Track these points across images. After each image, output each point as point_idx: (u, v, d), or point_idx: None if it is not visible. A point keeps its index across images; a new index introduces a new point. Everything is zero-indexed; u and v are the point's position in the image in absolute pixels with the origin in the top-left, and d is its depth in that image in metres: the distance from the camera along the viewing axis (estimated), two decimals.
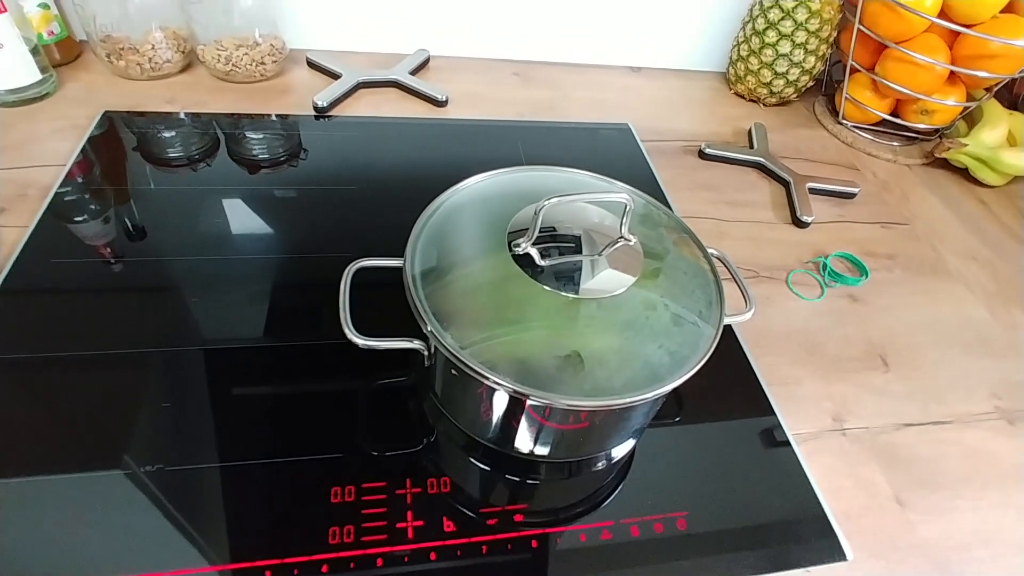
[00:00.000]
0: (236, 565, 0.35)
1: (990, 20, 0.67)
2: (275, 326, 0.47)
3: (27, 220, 0.52)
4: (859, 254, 0.62)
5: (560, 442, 0.40)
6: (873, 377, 0.51)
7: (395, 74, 0.75)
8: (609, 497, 0.41)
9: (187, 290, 0.48)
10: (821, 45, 0.77)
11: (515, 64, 0.84)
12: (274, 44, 0.71)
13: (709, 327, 0.37)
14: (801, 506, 0.42)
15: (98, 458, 0.38)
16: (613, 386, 0.34)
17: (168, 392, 0.42)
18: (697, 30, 0.85)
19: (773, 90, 0.81)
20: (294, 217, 0.56)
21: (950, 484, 0.44)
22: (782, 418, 0.46)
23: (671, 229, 0.44)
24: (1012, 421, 0.49)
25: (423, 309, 0.35)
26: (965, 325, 0.57)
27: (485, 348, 0.34)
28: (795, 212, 0.65)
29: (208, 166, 0.60)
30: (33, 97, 0.64)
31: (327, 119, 0.69)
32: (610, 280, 0.37)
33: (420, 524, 0.37)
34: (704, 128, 0.78)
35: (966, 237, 0.68)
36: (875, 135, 0.80)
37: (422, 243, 0.39)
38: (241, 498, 0.37)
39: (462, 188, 0.43)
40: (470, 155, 0.68)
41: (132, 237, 0.52)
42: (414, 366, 0.45)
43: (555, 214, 0.40)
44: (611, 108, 0.79)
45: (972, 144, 0.72)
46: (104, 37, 0.66)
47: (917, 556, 0.40)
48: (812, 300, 0.57)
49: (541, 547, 0.38)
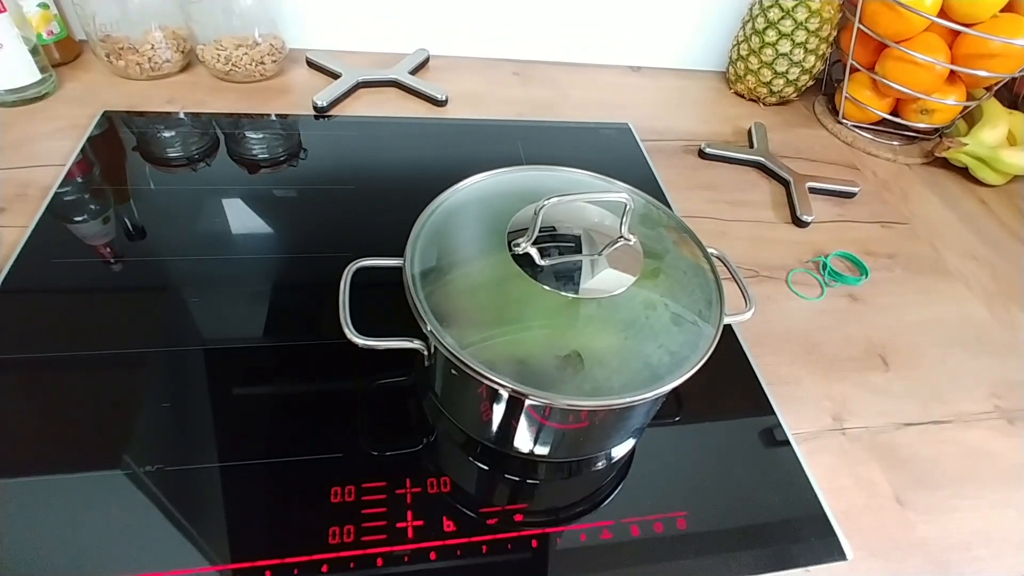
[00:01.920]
0: (236, 565, 0.35)
1: (990, 19, 0.67)
2: (275, 326, 0.47)
3: (27, 220, 0.52)
4: (859, 253, 0.62)
5: (560, 442, 0.40)
6: (873, 376, 0.51)
7: (395, 74, 0.75)
8: (609, 497, 0.41)
9: (187, 290, 0.48)
10: (821, 44, 0.77)
11: (515, 63, 0.84)
12: (274, 44, 0.71)
13: (709, 327, 0.37)
14: (801, 506, 0.42)
15: (98, 458, 0.38)
16: (613, 386, 0.34)
17: (168, 392, 0.42)
18: (697, 29, 0.85)
19: (773, 89, 0.81)
20: (294, 217, 0.56)
21: (950, 483, 0.45)
22: (782, 418, 0.46)
23: (671, 229, 0.44)
24: (1012, 420, 0.49)
25: (423, 309, 0.35)
26: (965, 324, 0.57)
27: (485, 348, 0.34)
28: (795, 212, 0.65)
29: (208, 166, 0.60)
30: (33, 97, 0.64)
31: (327, 119, 0.69)
32: (610, 280, 0.37)
33: (420, 524, 0.37)
34: (704, 128, 0.78)
35: (966, 236, 0.68)
36: (875, 134, 0.80)
37: (422, 243, 0.39)
38: (241, 498, 0.37)
39: (462, 188, 0.43)
40: (470, 155, 0.68)
41: (132, 237, 0.52)
42: (414, 366, 0.45)
43: (555, 214, 0.40)
44: (611, 107, 0.78)
45: (972, 143, 0.72)
46: (104, 37, 0.66)
47: (917, 555, 0.40)
48: (812, 300, 0.57)
49: (541, 547, 0.38)
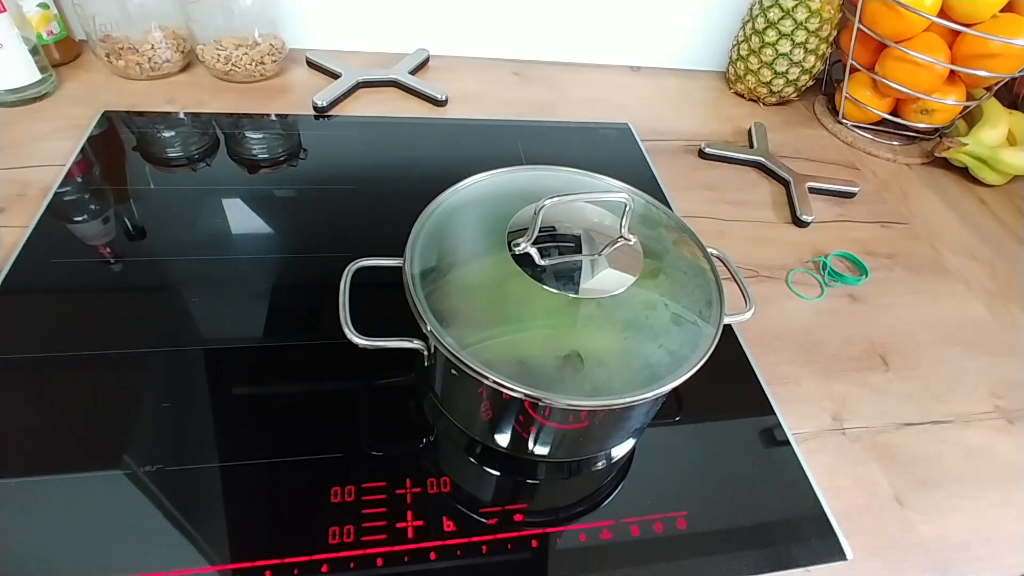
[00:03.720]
0: (236, 565, 0.35)
1: (990, 19, 0.67)
2: (275, 326, 0.47)
3: (27, 220, 0.52)
4: (859, 253, 0.62)
5: (560, 442, 0.40)
6: (873, 376, 0.51)
7: (395, 73, 0.75)
8: (609, 497, 0.41)
9: (187, 290, 0.48)
10: (821, 44, 0.77)
11: (515, 63, 0.84)
12: (273, 44, 0.71)
13: (709, 327, 0.37)
14: (801, 505, 0.42)
15: (98, 458, 0.38)
16: (613, 386, 0.34)
17: (168, 392, 0.42)
18: (697, 29, 0.85)
19: (773, 89, 0.81)
20: (294, 217, 0.56)
21: (950, 483, 0.45)
22: (782, 417, 0.46)
23: (671, 229, 0.44)
24: (1012, 420, 0.49)
25: (423, 309, 0.35)
26: (965, 324, 0.57)
27: (485, 348, 0.34)
28: (795, 211, 0.65)
29: (208, 166, 0.60)
30: (33, 97, 0.64)
31: (327, 119, 0.69)
32: (610, 280, 0.37)
33: (420, 524, 0.37)
34: (704, 128, 0.78)
35: (966, 236, 0.68)
36: (875, 134, 0.80)
37: (421, 243, 0.39)
38: (241, 498, 0.37)
39: (462, 188, 0.43)
40: (470, 155, 0.68)
41: (132, 237, 0.52)
42: (414, 366, 0.45)
43: (555, 214, 0.40)
44: (611, 108, 0.78)
45: (972, 143, 0.72)
46: (103, 37, 0.66)
47: (917, 555, 0.40)
48: (812, 299, 0.57)
49: (541, 547, 0.38)
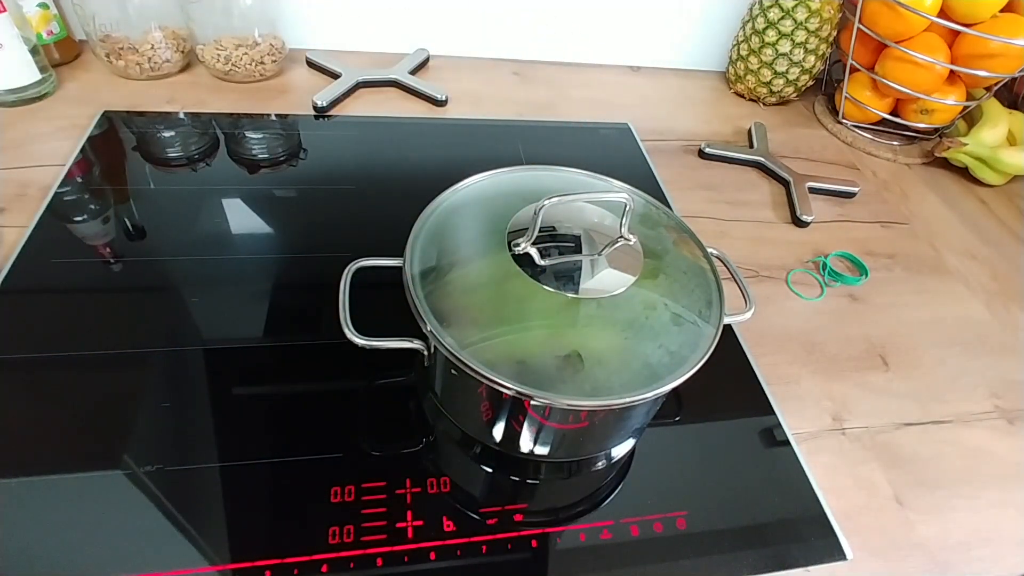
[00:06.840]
0: (236, 565, 0.35)
1: (990, 19, 0.67)
2: (275, 326, 0.47)
3: (27, 220, 0.52)
4: (859, 253, 0.62)
5: (560, 442, 0.40)
6: (873, 376, 0.51)
7: (395, 73, 0.75)
8: (609, 497, 0.41)
9: (187, 290, 0.48)
10: (821, 44, 0.77)
11: (515, 63, 0.84)
12: (273, 44, 0.71)
13: (709, 327, 0.37)
14: (801, 505, 0.42)
15: (98, 458, 0.38)
16: (613, 386, 0.34)
17: (168, 392, 0.42)
18: (696, 29, 0.85)
19: (773, 89, 0.81)
20: (294, 217, 0.56)
21: (949, 483, 0.45)
22: (782, 417, 0.46)
23: (671, 229, 0.44)
24: (1011, 420, 0.49)
25: (423, 309, 0.35)
26: (965, 324, 0.57)
27: (485, 348, 0.34)
28: (795, 211, 0.65)
29: (208, 166, 0.60)
30: (32, 97, 0.64)
31: (327, 119, 0.69)
32: (610, 280, 0.37)
33: (420, 524, 0.37)
34: (704, 128, 0.78)
35: (966, 236, 0.68)
36: (875, 134, 0.80)
37: (421, 243, 0.39)
38: (241, 498, 0.37)
39: (462, 188, 0.43)
40: (470, 155, 0.68)
41: (132, 237, 0.52)
42: (414, 366, 0.45)
43: (555, 214, 0.40)
44: (611, 108, 0.78)
45: (972, 143, 0.72)
46: (103, 37, 0.66)
47: (917, 555, 0.40)
48: (812, 299, 0.57)
49: (541, 547, 0.38)
